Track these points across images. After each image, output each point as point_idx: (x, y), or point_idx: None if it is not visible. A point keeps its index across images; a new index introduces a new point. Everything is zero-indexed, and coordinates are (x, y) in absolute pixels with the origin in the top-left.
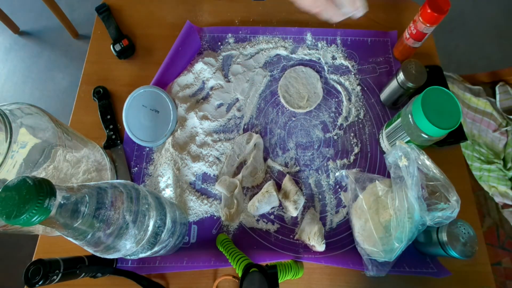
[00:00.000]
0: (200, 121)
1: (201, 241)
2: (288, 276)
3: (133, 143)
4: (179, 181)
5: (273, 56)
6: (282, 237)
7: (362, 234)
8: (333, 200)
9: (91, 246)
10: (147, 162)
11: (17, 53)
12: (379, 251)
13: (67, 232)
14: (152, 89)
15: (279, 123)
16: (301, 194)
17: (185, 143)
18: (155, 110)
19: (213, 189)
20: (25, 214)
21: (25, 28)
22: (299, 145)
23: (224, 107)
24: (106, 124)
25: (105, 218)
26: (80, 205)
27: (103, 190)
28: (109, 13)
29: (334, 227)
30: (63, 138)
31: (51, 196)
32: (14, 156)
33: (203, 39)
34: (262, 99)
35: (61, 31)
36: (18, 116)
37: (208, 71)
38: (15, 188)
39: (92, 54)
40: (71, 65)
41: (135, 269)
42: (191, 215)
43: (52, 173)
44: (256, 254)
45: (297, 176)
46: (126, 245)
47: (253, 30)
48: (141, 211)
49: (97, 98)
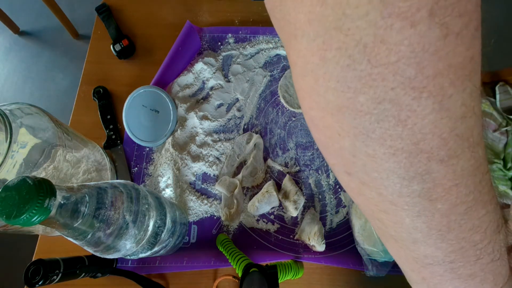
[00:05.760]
0: (200, 121)
1: (201, 241)
2: (288, 276)
3: (133, 143)
4: (179, 181)
5: (273, 56)
6: (282, 237)
7: (362, 234)
8: (333, 200)
9: (91, 246)
10: (147, 162)
11: (17, 53)
12: (379, 251)
13: (67, 232)
14: (152, 89)
15: (279, 123)
16: (301, 194)
17: (185, 143)
18: (155, 110)
19: (213, 189)
20: (25, 214)
21: (25, 28)
22: (299, 145)
23: (224, 107)
24: (106, 124)
25: (105, 218)
26: (80, 205)
27: (103, 190)
28: (109, 13)
29: (334, 227)
30: (63, 138)
31: (51, 196)
32: (14, 156)
33: (203, 39)
34: (262, 99)
35: (61, 31)
36: (18, 116)
37: (208, 71)
38: (15, 188)
39: (92, 54)
40: (71, 65)
41: (135, 269)
42: (191, 215)
43: (52, 173)
44: (256, 254)
45: (297, 176)
46: (126, 245)
47: (253, 30)
48: (141, 211)
49: (97, 98)
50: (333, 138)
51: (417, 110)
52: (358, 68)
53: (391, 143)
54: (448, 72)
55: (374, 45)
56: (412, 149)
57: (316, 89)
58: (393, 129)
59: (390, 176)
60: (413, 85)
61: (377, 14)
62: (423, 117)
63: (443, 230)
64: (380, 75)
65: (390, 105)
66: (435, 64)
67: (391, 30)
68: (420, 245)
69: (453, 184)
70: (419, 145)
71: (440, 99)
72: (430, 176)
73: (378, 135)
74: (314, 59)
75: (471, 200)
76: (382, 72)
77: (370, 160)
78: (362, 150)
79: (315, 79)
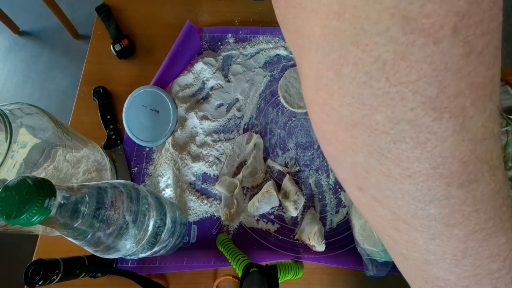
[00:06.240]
0: (200, 121)
1: (201, 241)
2: (288, 276)
3: (133, 143)
4: (179, 181)
5: (273, 56)
6: (282, 237)
7: (362, 234)
8: (333, 200)
9: (91, 246)
10: (147, 162)
11: (17, 53)
12: (379, 251)
13: (67, 232)
14: (152, 89)
15: (279, 123)
16: (301, 194)
17: (185, 143)
18: (155, 110)
19: (213, 189)
20: (25, 214)
21: (25, 28)
22: (299, 145)
23: (224, 107)
24: (106, 124)
25: (105, 218)
26: (80, 205)
27: (103, 190)
28: (109, 13)
29: (334, 227)
30: (63, 138)
31: (51, 196)
32: (14, 156)
33: (203, 39)
34: (262, 99)
35: (61, 31)
36: (18, 116)
37: (208, 71)
38: (15, 188)
39: (92, 54)
40: (71, 65)
41: (135, 269)
42: (191, 215)
43: (52, 173)
44: (256, 254)
45: (297, 176)
46: (126, 245)
47: (253, 30)
48: (141, 211)
49: (97, 98)
50: (345, 152)
51: (437, 132)
52: (375, 85)
53: (407, 165)
54: (470, 92)
55: (393, 62)
56: (430, 173)
57: (330, 103)
58: (411, 151)
59: (405, 197)
60: (434, 106)
61: (399, 30)
62: (443, 140)
63: (458, 255)
64: (399, 94)
65: (408, 126)
66: (457, 83)
67: (413, 47)
68: (433, 266)
69: (473, 210)
70: (438, 170)
71: (461, 120)
72: (448, 202)
73: (394, 156)
74: (329, 73)
75: (490, 226)
76: (402, 91)
77: (384, 178)
78: (376, 168)
79: (330, 93)
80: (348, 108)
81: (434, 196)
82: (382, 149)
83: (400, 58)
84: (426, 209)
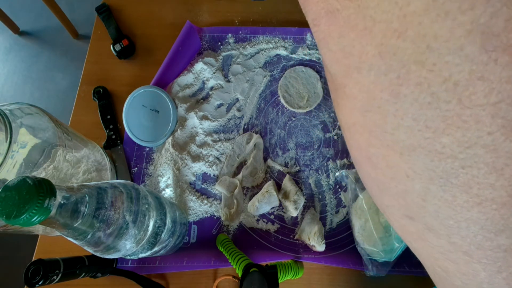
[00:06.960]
0: (200, 121)
1: (201, 241)
2: (288, 276)
3: (133, 143)
4: (179, 181)
5: (273, 56)
6: (282, 237)
7: (362, 234)
8: (333, 200)
9: (91, 246)
10: (147, 162)
11: (17, 53)
12: (379, 251)
13: (67, 232)
14: (152, 89)
15: (279, 123)
16: (301, 194)
17: (185, 143)
18: (155, 110)
19: (213, 189)
20: (25, 214)
21: (25, 28)
22: (299, 145)
23: (224, 107)
24: (106, 124)
25: (105, 218)
26: (80, 205)
27: (103, 190)
28: (109, 13)
29: (334, 227)
30: (63, 138)
31: (51, 196)
32: (14, 156)
33: (203, 39)
34: (262, 99)
35: (61, 31)
36: (18, 116)
37: (208, 71)
38: (15, 188)
39: (92, 54)
40: (71, 65)
41: (135, 269)
42: (191, 215)
43: (52, 173)
44: (256, 254)
45: (297, 176)
46: (126, 245)
47: (253, 30)
48: (141, 211)
49: (97, 98)
50: (397, 179)
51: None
52: (443, 107)
53: (478, 192)
54: None
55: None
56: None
57: (382, 126)
58: (484, 177)
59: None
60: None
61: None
62: None
63: None
64: (473, 117)
65: (483, 151)
66: None
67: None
68: None
69: None
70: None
71: None
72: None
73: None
74: (383, 94)
75: None
76: (477, 114)
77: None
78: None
79: (383, 115)
80: (406, 131)
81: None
82: (447, 175)
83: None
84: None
